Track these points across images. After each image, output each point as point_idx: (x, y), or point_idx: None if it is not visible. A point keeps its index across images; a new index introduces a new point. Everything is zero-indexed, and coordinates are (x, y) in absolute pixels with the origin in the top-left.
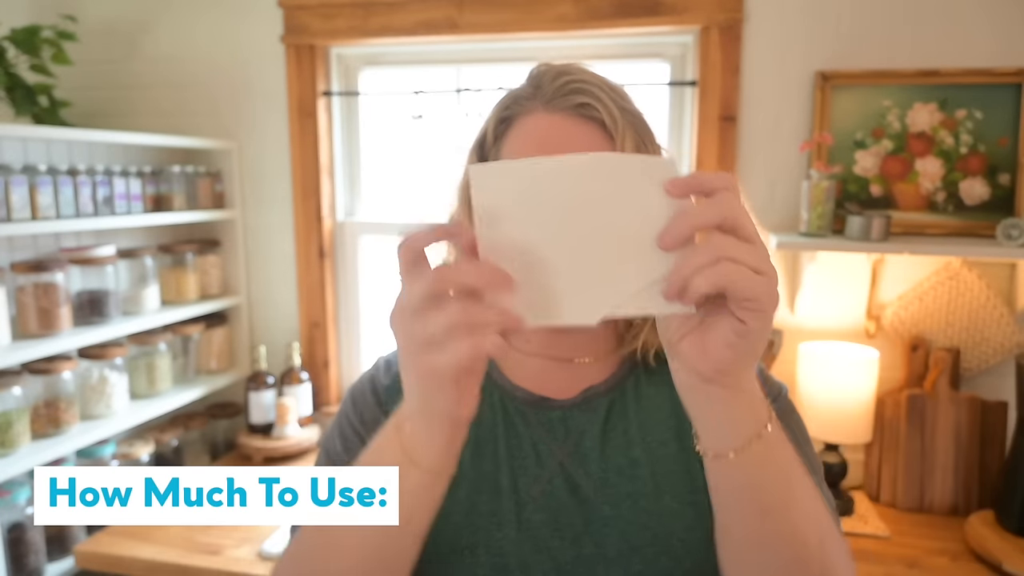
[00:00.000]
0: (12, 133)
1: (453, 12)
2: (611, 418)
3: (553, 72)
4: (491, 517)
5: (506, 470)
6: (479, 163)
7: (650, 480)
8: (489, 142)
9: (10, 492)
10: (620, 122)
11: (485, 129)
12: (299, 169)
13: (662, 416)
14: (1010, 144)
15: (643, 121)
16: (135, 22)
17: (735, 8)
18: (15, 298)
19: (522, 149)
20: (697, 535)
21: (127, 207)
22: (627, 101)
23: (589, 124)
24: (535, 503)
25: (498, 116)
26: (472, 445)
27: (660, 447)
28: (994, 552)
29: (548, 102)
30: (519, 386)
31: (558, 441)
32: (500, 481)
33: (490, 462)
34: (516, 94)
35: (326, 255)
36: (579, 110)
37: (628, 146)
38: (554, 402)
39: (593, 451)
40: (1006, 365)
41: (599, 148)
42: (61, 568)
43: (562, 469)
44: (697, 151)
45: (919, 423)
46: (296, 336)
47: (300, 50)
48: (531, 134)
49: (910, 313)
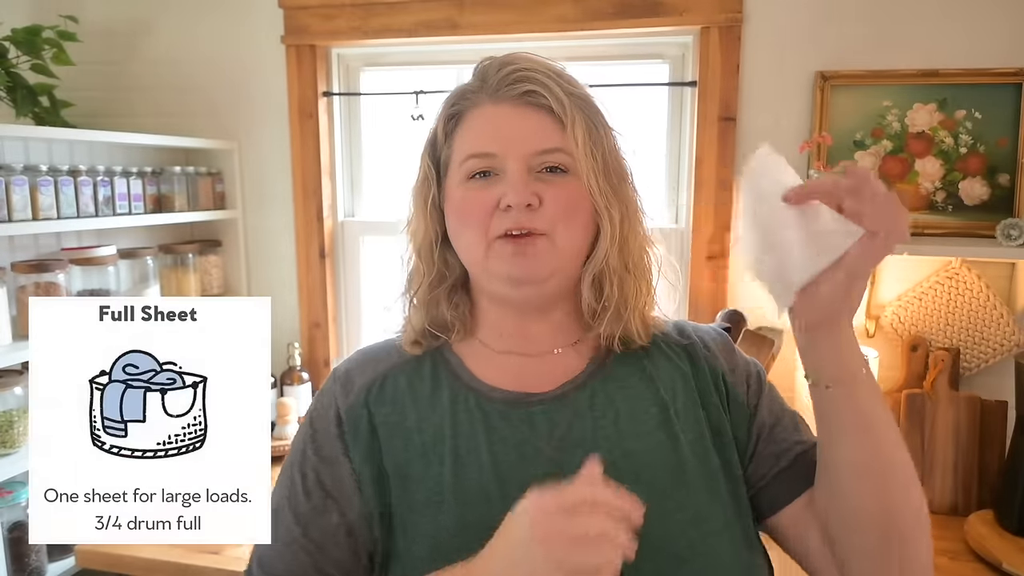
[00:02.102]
0: (13, 133)
1: (453, 12)
2: (596, 407)
3: (497, 64)
4: (484, 530)
5: (492, 477)
6: (768, 150)
7: (644, 469)
8: (440, 140)
9: (11, 492)
10: (568, 106)
11: (435, 128)
12: (300, 169)
13: (646, 405)
14: (1009, 144)
15: (592, 104)
16: (136, 22)
17: (735, 8)
18: (16, 298)
19: (473, 142)
20: (689, 513)
21: (128, 207)
22: (574, 85)
23: (537, 111)
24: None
25: (447, 113)
26: (452, 459)
27: (649, 436)
28: (994, 552)
29: (494, 93)
30: (495, 387)
31: (543, 437)
32: (488, 490)
33: (474, 472)
34: (463, 89)
35: (327, 255)
36: (526, 98)
37: (578, 130)
38: (534, 396)
39: (584, 442)
40: (1005, 365)
41: (549, 134)
42: (62, 567)
43: (552, 464)
44: (697, 151)
45: (919, 423)
46: (297, 336)
47: (300, 51)
48: (481, 127)
49: (909, 313)
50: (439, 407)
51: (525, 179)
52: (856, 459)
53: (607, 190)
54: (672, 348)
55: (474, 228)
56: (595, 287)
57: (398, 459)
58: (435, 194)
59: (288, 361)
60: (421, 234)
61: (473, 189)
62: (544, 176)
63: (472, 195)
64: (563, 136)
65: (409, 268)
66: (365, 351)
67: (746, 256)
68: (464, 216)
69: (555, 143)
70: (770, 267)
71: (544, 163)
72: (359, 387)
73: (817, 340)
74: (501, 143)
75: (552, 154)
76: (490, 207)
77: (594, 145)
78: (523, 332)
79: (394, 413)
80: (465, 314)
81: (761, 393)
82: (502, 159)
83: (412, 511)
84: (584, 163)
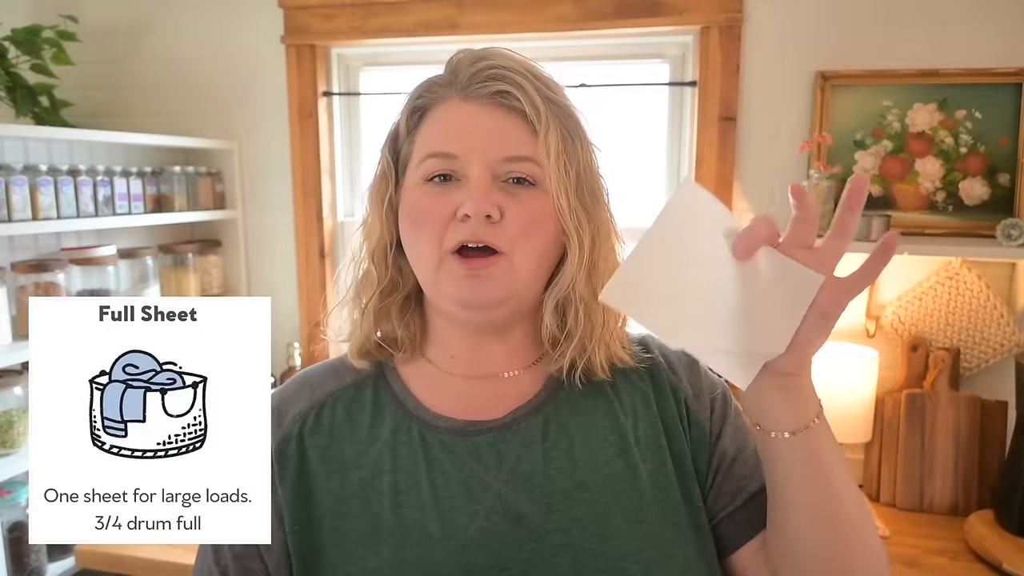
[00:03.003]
0: (13, 133)
1: (453, 12)
2: (549, 436)
3: (471, 58)
4: (424, 569)
5: (433, 515)
6: (696, 183)
7: (599, 502)
8: (402, 135)
9: (11, 492)
10: (543, 113)
11: (398, 120)
12: (300, 169)
13: (604, 432)
14: (1010, 144)
15: (571, 114)
16: (136, 22)
17: (735, 8)
18: (16, 298)
19: (434, 140)
20: (648, 555)
21: (128, 207)
22: (553, 90)
23: (510, 114)
24: (475, 545)
25: (411, 106)
26: (390, 495)
27: (606, 466)
28: (994, 552)
29: (464, 89)
30: (441, 415)
31: (491, 469)
32: (428, 529)
33: (415, 510)
34: (432, 81)
35: (327, 255)
36: (498, 98)
37: (551, 139)
38: (482, 424)
39: (535, 475)
40: (1006, 365)
41: (520, 139)
42: (62, 567)
43: (500, 500)
44: (697, 151)
45: (919, 423)
46: (296, 336)
47: (300, 50)
48: (444, 124)
49: (910, 313)
50: (379, 440)
51: (487, 188)
52: (810, 502)
53: (578, 209)
54: (635, 368)
55: (427, 238)
56: (558, 313)
57: (334, 496)
58: (392, 194)
59: (288, 361)
60: (376, 236)
61: (429, 194)
62: (509, 187)
63: (428, 200)
64: (534, 144)
65: (360, 272)
66: (306, 374)
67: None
68: (417, 223)
69: (524, 151)
70: (721, 336)
71: (510, 172)
72: (291, 417)
73: (782, 388)
74: (464, 144)
75: (520, 163)
76: (446, 216)
77: (568, 158)
78: (476, 353)
79: (331, 447)
80: (415, 333)
81: (725, 419)
82: (464, 162)
83: (341, 549)
84: (555, 177)
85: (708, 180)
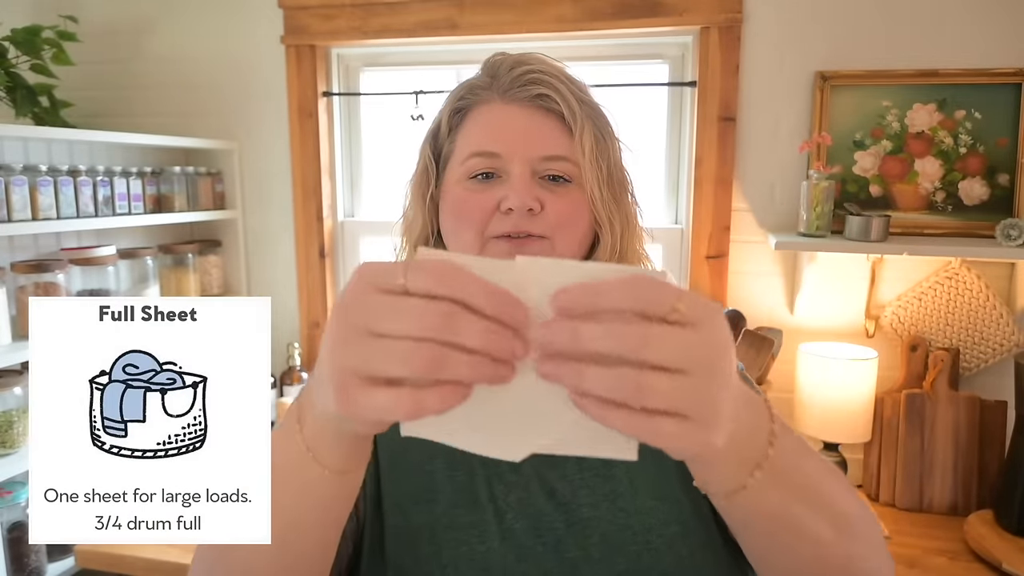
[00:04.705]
0: (13, 133)
1: (453, 12)
2: None
3: (510, 62)
4: (472, 530)
5: (482, 479)
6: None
7: (625, 478)
8: (444, 133)
9: (11, 492)
10: (579, 114)
11: (439, 120)
12: (299, 169)
13: None
14: (1009, 144)
15: (601, 113)
16: (136, 23)
17: (735, 8)
18: (15, 298)
19: (478, 140)
20: (673, 529)
21: (128, 207)
22: (586, 93)
23: (548, 115)
24: (514, 511)
25: (453, 107)
26: (444, 457)
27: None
28: (993, 552)
29: (505, 92)
30: None
31: None
32: (477, 492)
33: (465, 473)
34: (472, 83)
35: (327, 255)
36: (537, 101)
37: (587, 139)
38: None
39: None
40: (1005, 365)
41: (557, 140)
42: (62, 567)
43: (537, 474)
44: (696, 152)
45: (918, 423)
46: (296, 336)
47: (300, 50)
48: (487, 125)
49: (909, 313)
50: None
51: (529, 183)
52: (778, 544)
53: (609, 200)
54: None
55: (471, 229)
56: None
57: (401, 490)
58: (434, 188)
59: (288, 361)
60: (418, 228)
61: (472, 190)
62: (547, 184)
63: (471, 195)
64: (570, 144)
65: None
66: None
67: (481, 435)
68: (462, 215)
69: (562, 150)
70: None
71: (548, 170)
72: None
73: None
74: (507, 144)
75: (557, 162)
76: (490, 209)
77: (600, 155)
78: None
79: (396, 442)
80: None
81: None
82: (506, 160)
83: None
84: (589, 172)
85: (708, 180)
